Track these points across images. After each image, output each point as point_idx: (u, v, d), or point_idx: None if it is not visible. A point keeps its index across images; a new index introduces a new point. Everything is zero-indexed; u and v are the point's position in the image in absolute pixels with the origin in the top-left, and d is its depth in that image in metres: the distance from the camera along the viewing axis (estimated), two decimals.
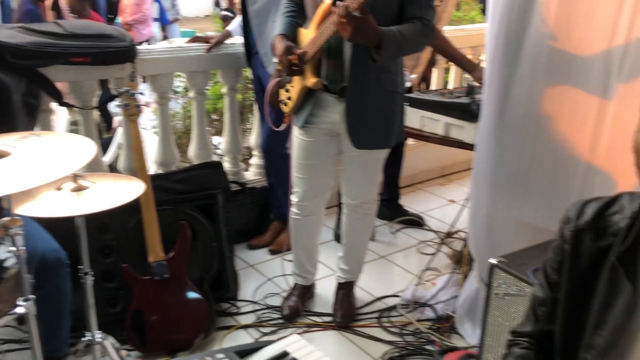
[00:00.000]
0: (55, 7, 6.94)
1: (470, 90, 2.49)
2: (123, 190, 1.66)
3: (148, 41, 7.40)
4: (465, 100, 2.45)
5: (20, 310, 1.40)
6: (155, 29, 8.11)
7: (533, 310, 1.18)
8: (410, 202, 3.80)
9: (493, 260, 1.80)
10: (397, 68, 2.21)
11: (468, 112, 2.39)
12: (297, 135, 2.32)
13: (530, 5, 1.99)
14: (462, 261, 2.63)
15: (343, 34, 1.89)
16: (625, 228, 0.99)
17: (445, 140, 2.58)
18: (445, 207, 3.78)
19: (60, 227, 1.93)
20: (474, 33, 4.11)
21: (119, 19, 7.37)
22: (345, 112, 2.14)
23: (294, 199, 2.43)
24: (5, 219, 1.31)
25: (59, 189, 1.60)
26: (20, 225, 1.33)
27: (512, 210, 2.17)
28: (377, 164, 2.36)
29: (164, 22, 8.24)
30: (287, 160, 2.51)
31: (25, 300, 1.40)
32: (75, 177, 1.63)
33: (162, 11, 8.40)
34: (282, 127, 2.37)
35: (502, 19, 2.08)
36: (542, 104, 2.05)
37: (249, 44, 2.82)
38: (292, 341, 1.19)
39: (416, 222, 3.48)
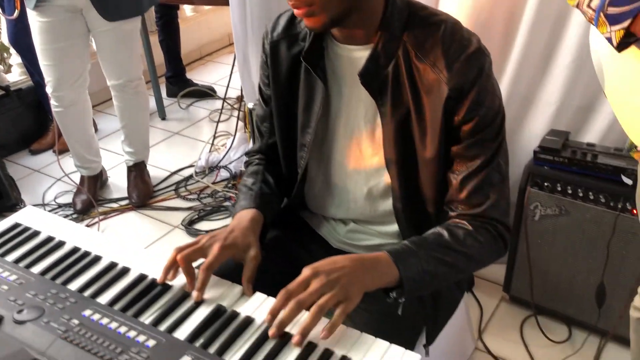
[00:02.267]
0: None
1: None
2: None
3: None
4: None
5: None
6: None
7: (258, 128, 1.26)
8: (200, 75, 3.77)
9: (250, 105, 1.89)
10: None
11: None
12: (33, 17, 2.12)
13: None
14: (246, 119, 2.71)
15: None
16: (307, 31, 1.07)
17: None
18: (235, 74, 3.79)
19: None
20: None
21: None
22: None
23: (48, 89, 2.27)
24: None
25: None
26: None
27: None
28: (132, 35, 2.26)
29: None
30: None
31: None
32: None
33: None
34: (15, 14, 2.14)
35: None
36: None
37: None
38: (24, 212, 1.17)
39: (206, 93, 3.48)
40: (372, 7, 0.97)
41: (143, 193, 2.53)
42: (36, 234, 1.10)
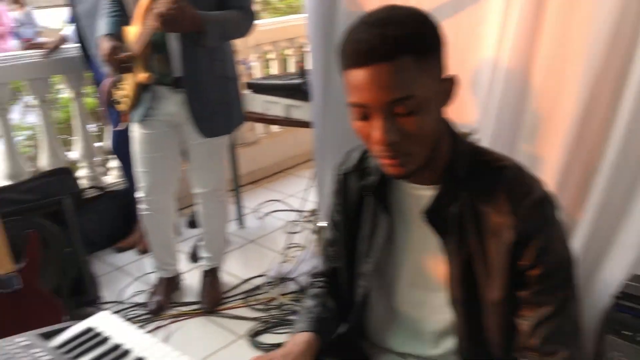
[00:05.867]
0: None
1: (302, 72, 2.62)
2: None
3: None
4: (297, 81, 2.58)
5: None
6: (14, 43, 7.69)
7: (325, 251, 1.30)
8: (281, 187, 3.92)
9: (321, 224, 1.94)
10: (224, 55, 2.30)
11: (301, 91, 2.52)
12: (136, 130, 2.34)
13: None
14: (320, 233, 2.77)
15: (164, 29, 1.97)
16: (376, 166, 1.13)
17: (288, 121, 2.71)
18: (309, 188, 3.92)
19: None
20: (290, 25, 4.16)
21: None
22: (187, 102, 2.20)
23: (140, 194, 2.45)
24: None
25: None
26: None
27: None
28: (222, 149, 2.44)
29: (20, 36, 7.82)
30: None
31: None
32: None
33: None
34: (122, 126, 2.38)
35: (315, 2, 2.22)
36: None
37: (84, 46, 2.79)
38: (98, 317, 1.24)
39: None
40: (440, 153, 1.01)
41: (214, 299, 2.59)
42: (105, 340, 1.16)
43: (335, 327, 1.22)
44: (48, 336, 1.17)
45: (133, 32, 2.15)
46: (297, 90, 2.55)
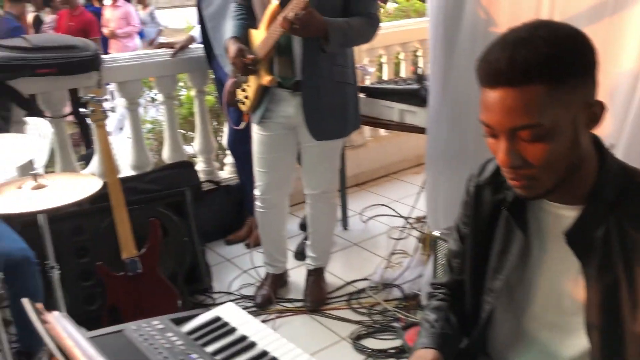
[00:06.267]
0: (37, 23, 7.07)
1: (420, 77, 2.59)
2: (81, 188, 1.77)
3: None
4: (415, 86, 2.56)
5: None
6: (138, 41, 8.24)
7: (448, 262, 1.28)
8: (385, 191, 3.91)
9: (436, 233, 1.91)
10: (346, 61, 2.33)
11: (418, 97, 2.50)
12: (256, 131, 2.43)
13: None
14: (426, 241, 2.73)
15: (291, 32, 2.02)
16: None
17: (401, 126, 2.69)
18: (418, 194, 3.88)
19: (36, 231, 2.05)
20: (403, 29, 4.11)
21: (104, 31, 7.48)
22: (302, 105, 2.26)
23: (256, 192, 2.53)
24: None
25: (19, 187, 1.71)
26: None
27: (459, 189, 2.26)
28: (335, 153, 2.47)
29: (141, 34, 8.35)
30: (251, 158, 2.61)
31: None
32: (35, 176, 1.74)
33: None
34: (242, 125, 2.48)
35: (439, 5, 2.19)
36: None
37: (208, 46, 2.93)
38: (225, 308, 1.29)
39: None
40: (585, 174, 0.96)
41: (318, 298, 2.63)
42: (232, 330, 1.21)
43: (457, 344, 1.20)
44: (179, 322, 1.24)
45: (259, 35, 2.23)
46: (413, 96, 2.53)
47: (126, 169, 3.15)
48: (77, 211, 2.54)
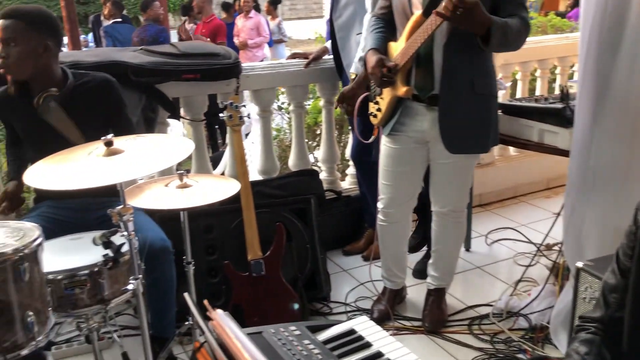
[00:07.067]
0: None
1: (565, 96, 2.44)
2: (222, 189, 1.85)
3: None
4: (559, 105, 2.41)
5: (130, 287, 1.61)
6: (267, 51, 8.57)
7: (603, 296, 1.17)
8: (512, 214, 3.73)
9: (579, 264, 1.77)
10: (487, 70, 2.23)
11: (562, 117, 2.35)
12: (384, 143, 2.40)
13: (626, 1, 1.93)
14: (559, 271, 2.56)
15: (452, 21, 1.89)
16: None
17: (540, 147, 2.54)
18: (548, 220, 3.65)
19: (172, 225, 2.17)
20: (540, 46, 3.87)
21: (235, 41, 7.85)
22: (438, 119, 2.19)
23: (380, 205, 2.50)
24: (119, 207, 1.53)
25: (166, 185, 1.81)
26: (131, 213, 1.54)
27: (608, 217, 2.09)
28: (468, 169, 2.38)
29: (269, 43, 8.67)
30: (376, 170, 2.58)
31: (135, 279, 1.60)
32: (181, 175, 1.83)
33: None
34: (371, 139, 2.46)
35: (594, 20, 2.04)
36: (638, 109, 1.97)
37: (338, 58, 2.95)
38: (360, 321, 1.27)
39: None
40: None
41: (437, 319, 2.54)
42: (367, 345, 1.18)
43: None
44: (314, 330, 1.24)
45: (398, 47, 2.20)
46: (556, 115, 2.38)
47: (253, 174, 3.26)
48: (209, 210, 2.65)
